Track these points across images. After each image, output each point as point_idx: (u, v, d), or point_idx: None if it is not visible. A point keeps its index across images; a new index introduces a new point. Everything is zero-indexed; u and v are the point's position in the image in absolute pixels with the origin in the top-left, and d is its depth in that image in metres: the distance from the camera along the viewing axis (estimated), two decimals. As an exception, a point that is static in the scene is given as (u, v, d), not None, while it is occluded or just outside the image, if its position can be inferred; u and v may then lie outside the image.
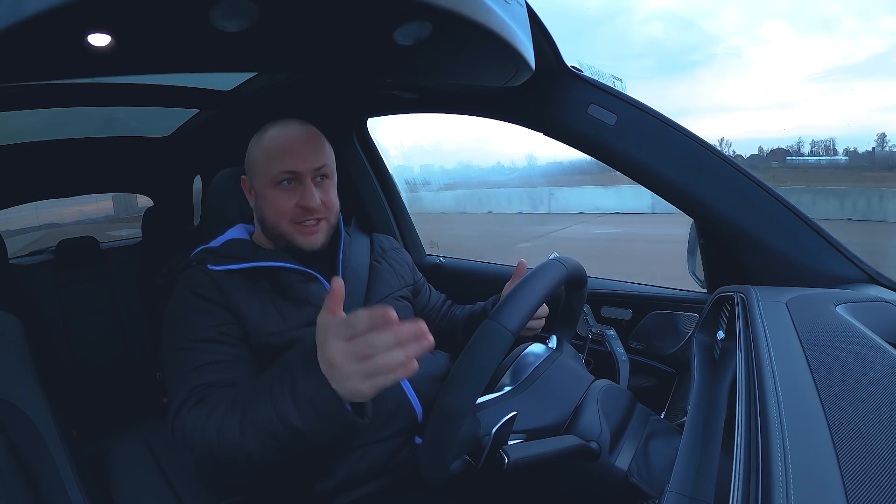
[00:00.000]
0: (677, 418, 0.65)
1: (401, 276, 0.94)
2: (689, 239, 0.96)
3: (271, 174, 0.76)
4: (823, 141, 6.25)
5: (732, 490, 0.37)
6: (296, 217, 0.78)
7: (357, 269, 0.86)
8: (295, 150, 0.76)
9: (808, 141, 6.27)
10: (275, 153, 0.77)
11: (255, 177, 0.79)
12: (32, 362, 0.80)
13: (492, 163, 15.59)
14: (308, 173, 0.77)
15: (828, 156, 6.34)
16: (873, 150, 6.50)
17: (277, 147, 0.77)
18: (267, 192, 0.78)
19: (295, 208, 0.77)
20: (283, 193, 0.77)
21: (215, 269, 0.76)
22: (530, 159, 13.30)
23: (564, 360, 0.68)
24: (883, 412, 0.38)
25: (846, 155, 6.67)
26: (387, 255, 0.95)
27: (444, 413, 0.50)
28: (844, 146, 6.57)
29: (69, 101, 1.21)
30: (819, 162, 6.18)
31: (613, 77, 0.87)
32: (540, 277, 0.58)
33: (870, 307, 0.63)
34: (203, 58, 0.54)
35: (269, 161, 0.77)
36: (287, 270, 0.78)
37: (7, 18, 0.35)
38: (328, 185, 0.81)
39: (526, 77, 0.72)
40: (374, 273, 0.89)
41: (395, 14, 0.49)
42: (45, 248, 1.84)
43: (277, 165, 0.76)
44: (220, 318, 0.71)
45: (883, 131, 16.17)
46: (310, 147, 0.78)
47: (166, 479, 0.97)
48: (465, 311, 0.99)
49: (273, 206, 0.77)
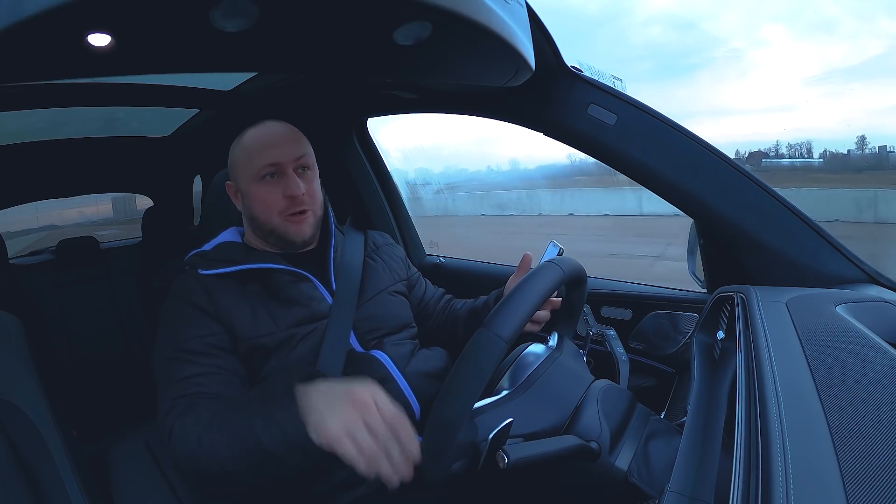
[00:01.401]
0: (677, 418, 0.65)
1: (395, 271, 0.94)
2: (689, 239, 0.96)
3: (254, 169, 0.78)
4: (800, 144, 6.34)
5: (732, 490, 0.37)
6: (284, 209, 0.79)
7: (350, 268, 0.86)
8: (274, 143, 0.78)
9: (797, 143, 6.35)
10: (255, 149, 0.79)
11: (239, 176, 0.81)
12: (32, 362, 0.80)
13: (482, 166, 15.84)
14: (289, 164, 0.78)
15: (803, 158, 6.44)
16: (849, 152, 6.59)
17: (257, 143, 0.79)
18: (252, 188, 0.79)
19: (282, 200, 0.78)
20: (268, 187, 0.78)
21: (207, 274, 0.77)
22: (513, 163, 13.79)
23: (564, 360, 0.68)
24: (883, 412, 0.38)
25: (822, 157, 6.79)
26: (380, 251, 0.96)
27: (439, 421, 0.50)
28: (829, 149, 6.68)
29: (69, 101, 1.21)
30: (793, 164, 6.23)
31: (613, 77, 0.87)
32: (535, 282, 0.57)
33: (870, 307, 0.63)
34: (203, 58, 0.54)
35: (251, 158, 0.79)
36: (278, 272, 0.79)
37: (7, 18, 0.35)
38: (310, 175, 0.82)
39: (526, 77, 0.72)
40: (368, 270, 0.89)
41: (395, 14, 0.49)
42: (44, 248, 1.84)
43: (259, 160, 0.78)
44: (207, 329, 0.72)
45: (863, 134, 16.73)
46: (288, 139, 0.80)
47: (166, 479, 0.97)
48: (466, 305, 0.98)
49: (260, 201, 0.79)
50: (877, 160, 6.45)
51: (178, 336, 0.72)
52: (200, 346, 0.71)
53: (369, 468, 0.51)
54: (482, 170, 14.37)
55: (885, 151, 6.64)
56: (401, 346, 0.84)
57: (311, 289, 0.80)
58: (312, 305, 0.78)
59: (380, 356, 0.79)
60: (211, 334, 0.72)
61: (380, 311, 0.85)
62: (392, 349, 0.81)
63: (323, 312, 0.79)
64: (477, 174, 13.13)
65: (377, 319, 0.84)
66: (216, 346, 0.72)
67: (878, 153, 6.60)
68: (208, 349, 0.71)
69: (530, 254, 0.85)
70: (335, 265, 0.85)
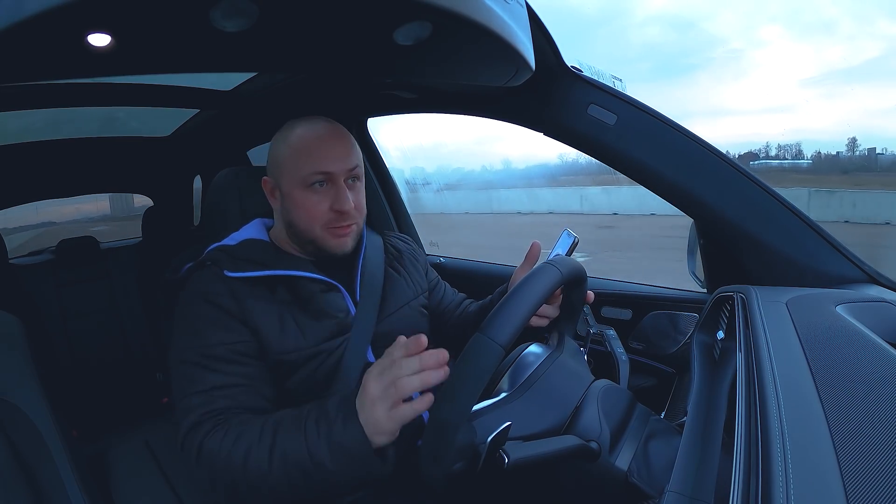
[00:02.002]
0: (677, 418, 0.65)
1: (417, 282, 0.90)
2: (689, 239, 0.96)
3: (302, 175, 0.72)
4: (791, 145, 6.49)
5: (732, 490, 0.37)
6: (329, 221, 0.74)
7: (373, 277, 0.82)
8: (327, 150, 0.73)
9: (787, 145, 6.52)
10: (305, 152, 0.72)
11: (282, 177, 0.74)
12: (32, 362, 0.80)
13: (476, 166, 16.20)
14: (341, 174, 0.73)
15: (793, 160, 6.58)
16: (838, 154, 6.71)
17: (308, 146, 0.73)
18: (296, 193, 0.73)
19: (328, 212, 0.73)
20: (316, 195, 0.73)
21: (232, 276, 0.71)
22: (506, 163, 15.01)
23: (564, 359, 0.68)
24: (883, 412, 0.38)
25: (811, 159, 6.94)
26: (403, 259, 0.91)
27: (438, 425, 0.50)
28: (822, 150, 6.88)
29: (69, 101, 1.21)
30: (782, 165, 6.32)
31: (613, 77, 0.87)
32: (532, 285, 0.56)
33: (870, 307, 0.63)
34: (203, 58, 0.54)
35: (300, 161, 0.72)
36: (308, 280, 0.74)
37: (7, 18, 0.35)
38: (359, 187, 0.77)
39: (526, 77, 0.72)
40: (390, 280, 0.85)
41: (395, 14, 0.49)
42: (44, 248, 1.84)
43: (309, 166, 0.72)
44: (235, 334, 0.68)
45: (854, 136, 17.16)
46: (343, 147, 0.74)
47: (166, 479, 0.97)
48: (476, 305, 0.95)
49: (305, 209, 0.73)
50: (865, 162, 6.57)
51: (203, 340, 0.67)
52: (229, 354, 0.67)
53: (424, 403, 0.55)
54: (476, 169, 15.08)
55: (873, 153, 6.76)
56: None
57: (339, 299, 0.76)
58: (340, 317, 0.75)
59: None
60: (238, 341, 0.68)
61: (401, 327, 0.80)
62: None
63: (348, 325, 0.76)
64: (471, 173, 13.79)
65: (396, 336, 0.82)
66: (244, 353, 0.68)
67: (867, 155, 6.73)
68: (235, 357, 0.67)
69: (539, 243, 0.81)
70: (362, 273, 0.81)
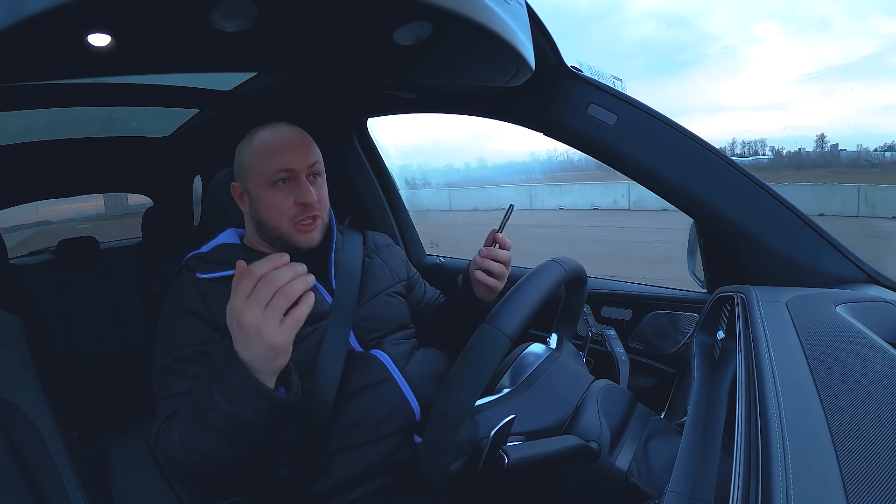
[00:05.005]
0: (677, 418, 0.65)
1: (395, 272, 0.94)
2: (689, 239, 0.96)
3: (266, 174, 0.77)
4: (753, 142, 6.76)
5: (732, 490, 0.37)
6: (295, 216, 0.78)
7: (350, 268, 0.86)
8: (288, 149, 0.77)
9: (750, 142, 6.81)
10: (268, 153, 0.77)
11: (249, 179, 0.79)
12: (32, 362, 0.80)
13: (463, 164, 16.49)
14: (303, 171, 0.78)
15: (755, 156, 6.79)
16: (800, 150, 6.91)
17: (270, 147, 0.78)
18: (262, 192, 0.78)
19: (293, 206, 0.77)
20: (280, 192, 0.77)
21: (203, 278, 0.76)
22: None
23: (564, 360, 0.68)
24: (883, 412, 0.38)
25: (772, 155, 7.19)
26: (380, 252, 0.96)
27: (441, 417, 0.50)
28: (781, 148, 7.16)
29: (69, 101, 1.21)
30: (743, 162, 6.64)
31: (613, 77, 0.87)
32: (538, 279, 0.58)
33: (870, 307, 0.63)
34: (203, 58, 0.54)
35: (263, 161, 0.77)
36: None
37: (7, 18, 0.35)
38: (321, 182, 0.82)
39: (526, 77, 0.71)
40: (368, 270, 0.89)
41: (395, 14, 0.49)
42: (44, 248, 1.84)
43: (272, 164, 0.76)
44: (201, 335, 0.71)
45: (822, 132, 17.58)
46: (302, 145, 0.79)
47: (166, 478, 0.97)
48: (445, 298, 1.00)
49: (272, 206, 0.78)
50: (825, 158, 6.72)
51: (173, 343, 0.71)
52: (193, 355, 0.70)
53: (308, 304, 0.56)
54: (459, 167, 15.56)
55: (836, 150, 6.94)
56: (400, 345, 0.84)
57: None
58: (314, 306, 0.78)
59: (379, 355, 0.79)
60: (204, 341, 0.71)
61: (379, 311, 0.85)
62: (391, 348, 0.81)
63: (324, 312, 0.79)
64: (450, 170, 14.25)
65: (377, 320, 0.84)
66: (208, 353, 0.70)
67: (829, 151, 6.92)
68: (201, 357, 0.70)
69: (495, 227, 0.86)
70: (335, 265, 0.85)
